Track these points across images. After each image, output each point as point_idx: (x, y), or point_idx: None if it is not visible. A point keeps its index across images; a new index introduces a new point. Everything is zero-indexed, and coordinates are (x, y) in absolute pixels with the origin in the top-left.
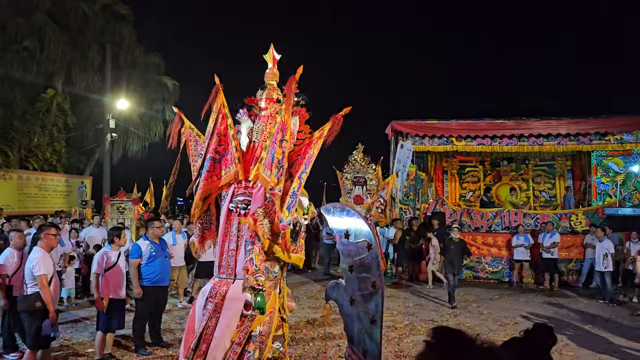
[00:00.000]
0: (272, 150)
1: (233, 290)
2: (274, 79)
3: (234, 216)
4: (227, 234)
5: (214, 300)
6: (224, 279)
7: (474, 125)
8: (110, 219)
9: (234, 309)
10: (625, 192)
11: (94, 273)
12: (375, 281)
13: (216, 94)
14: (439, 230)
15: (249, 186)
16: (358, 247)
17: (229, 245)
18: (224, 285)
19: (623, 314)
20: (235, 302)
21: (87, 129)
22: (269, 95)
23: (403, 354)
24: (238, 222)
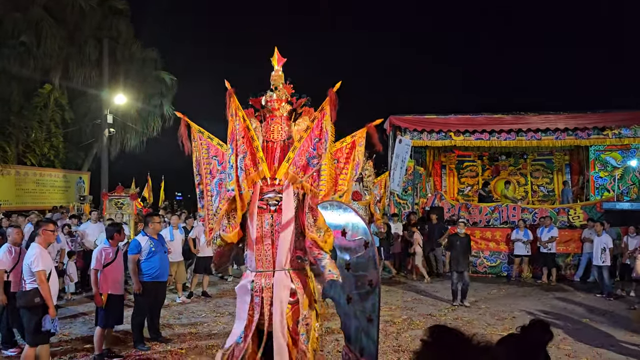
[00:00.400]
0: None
1: (277, 282)
2: (280, 80)
3: (264, 213)
4: (259, 230)
5: (260, 293)
6: (263, 272)
7: (472, 120)
8: (109, 214)
9: (284, 299)
10: (623, 186)
11: (93, 269)
12: (372, 280)
13: (230, 98)
14: (437, 224)
15: (276, 184)
16: (355, 245)
17: (263, 240)
18: (266, 277)
19: (620, 307)
20: (283, 292)
21: (84, 124)
22: (279, 97)
23: (401, 349)
24: (271, 218)
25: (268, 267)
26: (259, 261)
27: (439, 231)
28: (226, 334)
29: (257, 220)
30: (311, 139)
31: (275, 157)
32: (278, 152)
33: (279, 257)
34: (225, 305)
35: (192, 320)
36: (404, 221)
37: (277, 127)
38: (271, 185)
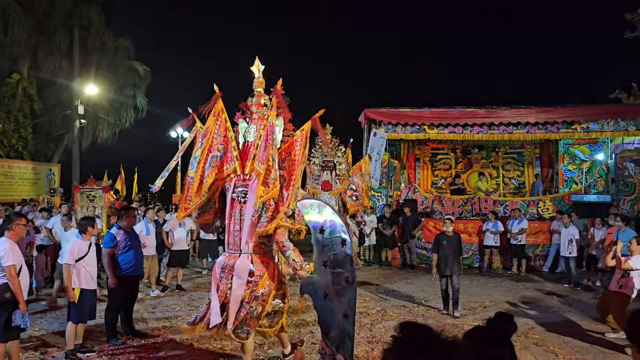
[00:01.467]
0: (264, 148)
1: (239, 262)
2: (260, 86)
3: (236, 204)
4: (231, 218)
5: (226, 271)
6: (232, 254)
7: (446, 113)
8: (80, 207)
9: (242, 277)
10: (591, 179)
11: (66, 263)
12: (348, 276)
13: (216, 100)
14: (411, 217)
15: (246, 179)
16: (332, 243)
17: (234, 227)
18: (232, 258)
19: (586, 297)
20: (242, 271)
21: (54, 115)
22: (257, 102)
23: (375, 340)
24: (240, 208)
25: (236, 249)
26: (229, 244)
27: (413, 223)
28: None
29: (231, 210)
30: (267, 134)
31: (249, 156)
32: (252, 150)
33: (243, 242)
34: (199, 299)
35: (166, 314)
36: (379, 213)
37: (254, 128)
38: (242, 180)
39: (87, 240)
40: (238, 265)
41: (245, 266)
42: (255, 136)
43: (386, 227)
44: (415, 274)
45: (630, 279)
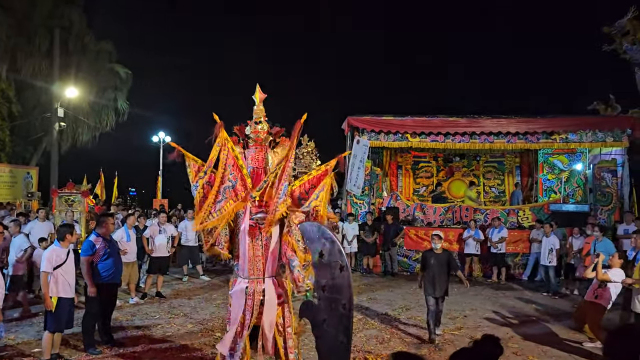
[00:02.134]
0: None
1: (268, 287)
2: (262, 114)
3: (255, 230)
4: (250, 244)
5: (253, 297)
6: (255, 279)
7: (428, 122)
8: (59, 212)
9: (273, 302)
10: (569, 188)
11: (43, 271)
12: (346, 303)
13: (219, 130)
14: (392, 225)
15: (262, 204)
16: (331, 268)
17: (254, 252)
18: (257, 284)
19: (565, 305)
20: (273, 295)
21: (33, 117)
22: (262, 129)
23: (356, 349)
24: (260, 234)
25: (259, 274)
26: (250, 270)
27: (395, 231)
28: (181, 335)
29: (249, 237)
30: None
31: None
32: (262, 177)
33: (268, 267)
34: (180, 306)
35: (145, 322)
36: (361, 221)
37: (261, 155)
38: (259, 207)
39: (65, 248)
40: (268, 289)
41: (275, 290)
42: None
43: (368, 234)
44: (396, 282)
45: (606, 290)
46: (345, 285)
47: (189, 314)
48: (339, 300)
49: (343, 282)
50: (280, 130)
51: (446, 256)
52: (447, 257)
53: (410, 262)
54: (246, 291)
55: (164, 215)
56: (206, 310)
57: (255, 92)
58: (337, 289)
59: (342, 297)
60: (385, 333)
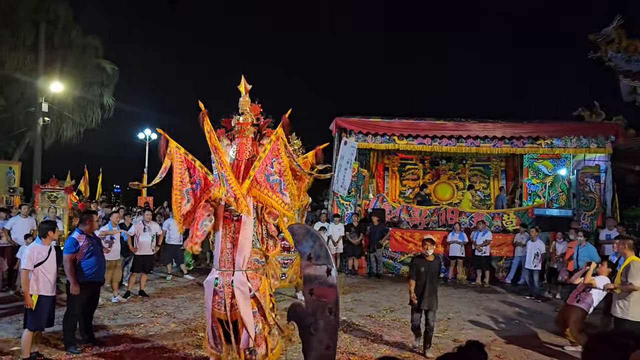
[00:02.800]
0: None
1: (237, 279)
2: (247, 105)
3: (229, 222)
4: (224, 236)
5: (223, 289)
6: (225, 272)
7: (415, 125)
8: (41, 208)
9: (244, 293)
10: (553, 193)
11: (24, 269)
12: (332, 307)
13: (203, 119)
14: (378, 226)
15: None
16: (319, 271)
17: (226, 244)
18: (227, 276)
19: (547, 309)
20: (242, 288)
21: (17, 111)
22: (245, 120)
23: (340, 350)
24: (233, 226)
25: (229, 267)
26: (222, 261)
27: (380, 233)
28: (164, 335)
29: (223, 228)
30: (269, 158)
31: (240, 174)
32: (242, 169)
33: (238, 260)
34: (163, 305)
35: (127, 320)
36: (347, 222)
37: (243, 147)
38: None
39: (47, 245)
40: (238, 281)
41: (243, 283)
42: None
43: (354, 235)
44: (381, 283)
45: (589, 295)
46: (332, 288)
47: (172, 314)
48: (325, 304)
49: (330, 285)
50: (267, 121)
51: (438, 263)
52: (439, 265)
53: (396, 263)
54: (215, 282)
55: (149, 213)
56: (190, 310)
57: (241, 83)
58: (324, 293)
59: (329, 301)
60: (370, 335)
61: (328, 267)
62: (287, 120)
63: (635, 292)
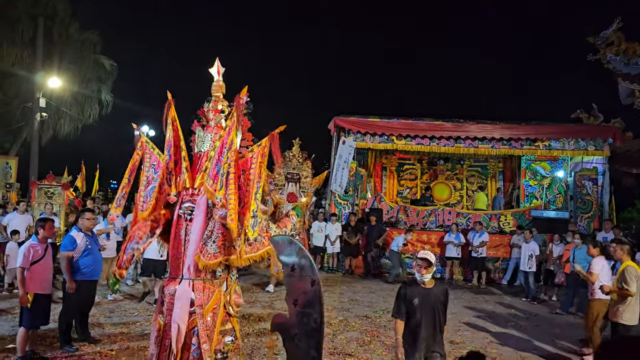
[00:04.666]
0: (216, 162)
1: (179, 289)
2: (219, 90)
3: (182, 222)
4: (175, 238)
5: (166, 299)
6: (174, 279)
7: (414, 125)
8: (38, 204)
9: (183, 307)
10: (551, 195)
11: (20, 267)
12: (317, 318)
13: (168, 108)
14: (375, 226)
15: (195, 193)
16: (303, 282)
17: (177, 248)
18: (173, 284)
19: (543, 311)
20: (183, 300)
21: (14, 106)
22: (214, 107)
23: (337, 351)
24: (185, 227)
25: (178, 274)
26: (172, 268)
27: (378, 233)
28: None
29: (175, 228)
30: (222, 146)
31: (201, 167)
32: (204, 161)
33: (185, 266)
34: None
35: (123, 319)
36: (344, 222)
37: (209, 137)
38: (190, 195)
39: (43, 243)
40: (179, 293)
41: (186, 294)
42: (210, 146)
43: (351, 235)
44: (378, 284)
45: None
46: (316, 299)
47: None
48: (310, 314)
49: (315, 296)
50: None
51: (441, 292)
52: (444, 294)
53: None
54: (164, 290)
55: None
56: None
57: (214, 65)
58: (309, 304)
59: (314, 312)
60: (366, 335)
61: (312, 278)
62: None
63: (631, 297)
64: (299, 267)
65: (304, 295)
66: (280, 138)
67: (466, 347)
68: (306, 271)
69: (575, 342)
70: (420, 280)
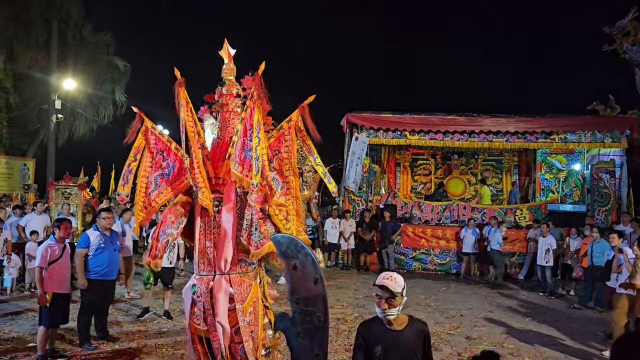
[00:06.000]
0: (242, 146)
1: (216, 287)
2: (231, 74)
3: (207, 214)
4: (202, 232)
5: (202, 298)
6: (205, 276)
7: (427, 120)
8: (55, 205)
9: (223, 305)
10: (567, 188)
11: (38, 267)
12: (321, 316)
13: (179, 89)
14: (390, 222)
15: (220, 183)
16: (305, 280)
17: (206, 242)
18: (207, 282)
19: (561, 306)
20: (223, 297)
21: (30, 108)
22: (229, 91)
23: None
24: (213, 219)
25: (210, 270)
26: (201, 264)
27: (392, 229)
28: (177, 331)
29: (201, 222)
30: (246, 129)
31: (223, 154)
32: (223, 148)
33: (219, 261)
34: (176, 302)
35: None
36: (358, 218)
37: (226, 122)
38: (215, 185)
39: (60, 243)
40: (217, 289)
41: (225, 289)
42: (228, 132)
43: (365, 231)
44: None
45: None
46: (320, 297)
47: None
48: (314, 313)
49: (318, 294)
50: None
51: (417, 336)
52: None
53: (407, 259)
54: (193, 290)
55: None
56: None
57: (223, 48)
58: (312, 302)
59: (317, 310)
60: None
61: (315, 277)
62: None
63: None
64: (301, 265)
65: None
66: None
67: (483, 343)
68: (308, 269)
69: (594, 337)
70: (383, 318)
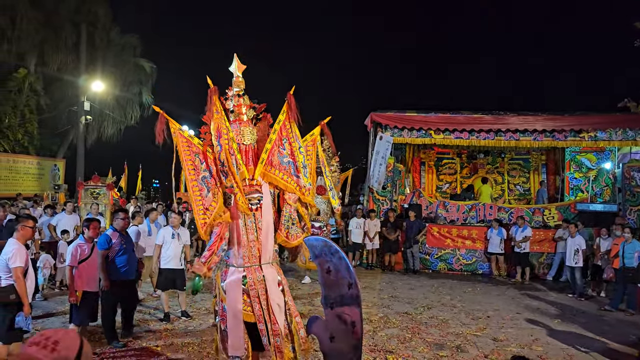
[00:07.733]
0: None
1: (268, 275)
2: (243, 86)
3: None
4: (243, 228)
5: (254, 287)
6: (251, 267)
7: (452, 118)
8: (84, 204)
9: (276, 290)
10: (597, 188)
11: (68, 265)
12: (355, 320)
13: (213, 96)
14: (415, 222)
15: (254, 184)
16: (339, 285)
17: (248, 237)
18: (255, 272)
19: (591, 308)
20: (274, 283)
21: (60, 110)
22: (245, 102)
23: (377, 348)
24: (253, 216)
25: (254, 262)
26: (245, 257)
27: (417, 228)
28: (203, 330)
29: (242, 220)
30: (280, 139)
31: (249, 159)
32: (250, 154)
33: (264, 252)
34: (202, 300)
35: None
36: (382, 217)
37: (247, 130)
38: (250, 186)
39: (89, 242)
40: (268, 275)
41: (275, 277)
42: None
43: (390, 231)
44: (418, 280)
45: None
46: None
47: (212, 309)
48: (347, 317)
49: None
50: (263, 106)
51: None
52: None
53: (432, 259)
54: (244, 282)
55: (177, 217)
56: None
57: (233, 62)
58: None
59: (351, 314)
60: (407, 332)
61: (349, 281)
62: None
63: None
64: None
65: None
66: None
67: (510, 345)
68: (342, 273)
69: (626, 340)
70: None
